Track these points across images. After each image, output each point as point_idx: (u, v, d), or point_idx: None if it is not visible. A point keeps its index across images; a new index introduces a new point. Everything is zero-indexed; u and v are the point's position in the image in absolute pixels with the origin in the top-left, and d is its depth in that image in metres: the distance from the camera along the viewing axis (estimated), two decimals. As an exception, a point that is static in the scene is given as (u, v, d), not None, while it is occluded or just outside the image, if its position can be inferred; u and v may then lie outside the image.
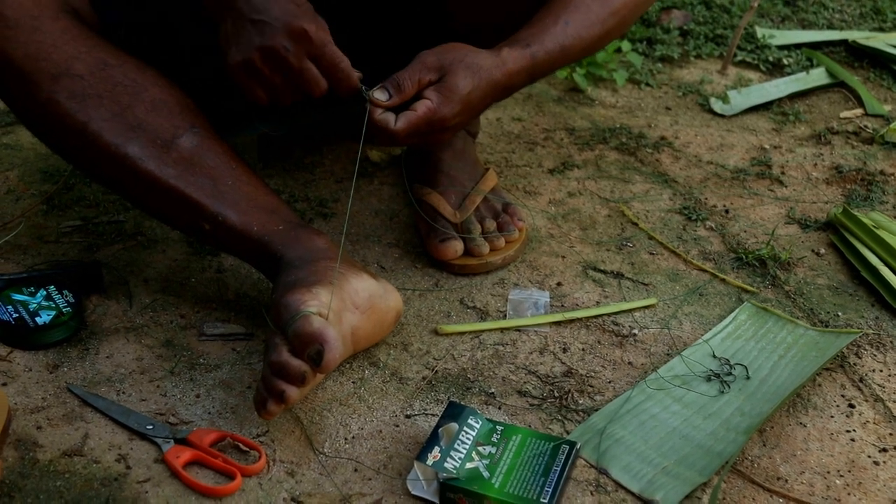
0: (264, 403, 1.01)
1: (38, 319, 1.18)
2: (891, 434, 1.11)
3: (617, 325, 1.26)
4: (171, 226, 1.23)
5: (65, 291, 1.22)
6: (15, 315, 1.18)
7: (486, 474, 1.00)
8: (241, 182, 1.17)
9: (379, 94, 1.13)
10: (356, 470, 1.03)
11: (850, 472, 1.05)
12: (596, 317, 1.28)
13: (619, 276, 1.36)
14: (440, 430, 1.03)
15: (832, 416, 1.13)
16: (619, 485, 1.02)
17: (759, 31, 2.18)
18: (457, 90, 1.13)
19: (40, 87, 1.12)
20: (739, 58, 2.08)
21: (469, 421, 1.05)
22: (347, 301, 1.08)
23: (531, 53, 1.19)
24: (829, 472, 1.05)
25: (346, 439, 1.07)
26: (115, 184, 1.18)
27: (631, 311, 1.29)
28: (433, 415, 1.11)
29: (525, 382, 1.16)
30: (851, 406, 1.15)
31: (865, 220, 1.43)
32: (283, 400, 0.99)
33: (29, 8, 1.12)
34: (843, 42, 2.16)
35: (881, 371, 1.20)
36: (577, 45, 1.23)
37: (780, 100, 1.91)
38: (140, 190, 1.16)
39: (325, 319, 1.02)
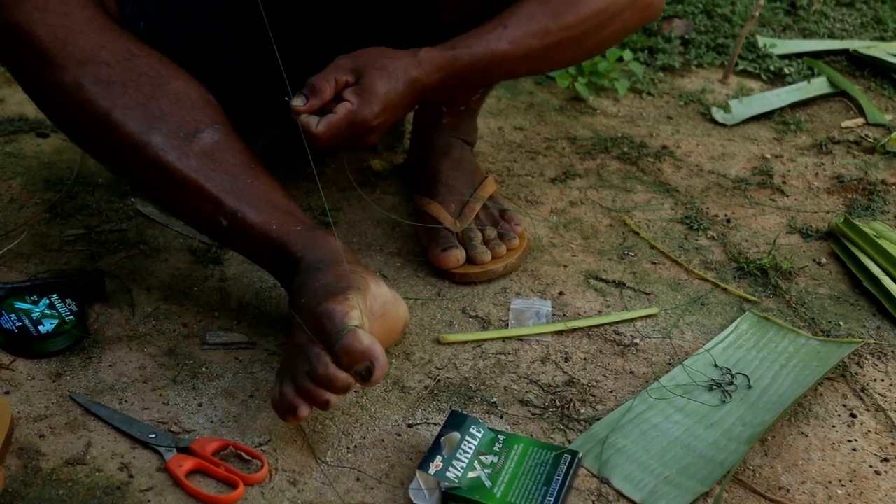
0: (295, 409, 1.00)
1: (40, 328, 1.18)
2: (892, 444, 1.11)
3: (619, 334, 1.27)
4: (185, 220, 1.22)
5: (68, 300, 1.22)
6: (18, 324, 1.18)
7: (488, 483, 1.00)
8: (260, 181, 1.17)
9: (297, 101, 1.13)
10: (358, 479, 1.03)
11: (851, 481, 1.05)
12: (597, 326, 1.28)
13: (620, 285, 1.36)
14: (442, 439, 1.03)
15: (834, 426, 1.13)
16: (620, 494, 1.03)
17: (761, 41, 2.18)
18: (374, 91, 1.14)
19: (67, 70, 1.11)
20: (741, 67, 2.09)
21: (471, 430, 1.05)
22: (368, 306, 1.08)
23: (453, 55, 1.20)
24: (830, 482, 1.05)
25: (348, 448, 1.07)
26: (134, 173, 1.17)
27: (632, 320, 1.29)
28: (435, 424, 1.11)
29: (527, 392, 1.16)
30: (853, 416, 1.15)
31: (867, 230, 1.44)
32: (326, 408, 1.00)
33: None
34: (845, 51, 2.16)
35: (882, 381, 1.20)
36: (515, 52, 1.21)
37: (781, 109, 1.91)
38: (159, 181, 1.15)
39: (366, 331, 1.01)
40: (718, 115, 1.87)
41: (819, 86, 1.99)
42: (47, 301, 1.22)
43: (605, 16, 1.24)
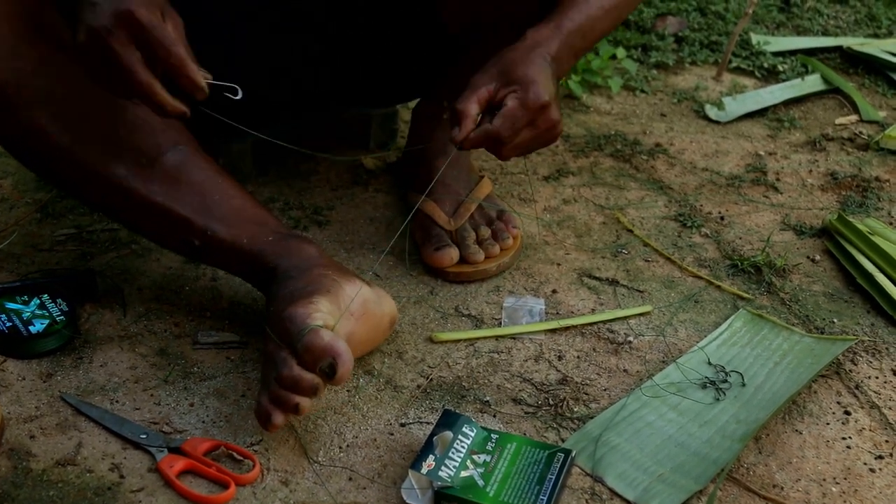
0: (269, 417, 1.00)
1: (31, 328, 1.17)
2: (886, 441, 1.10)
3: (612, 332, 1.26)
4: (160, 244, 1.23)
5: (58, 300, 1.22)
6: (8, 324, 1.18)
7: (480, 483, 1.00)
8: (228, 196, 1.18)
9: (454, 133, 1.13)
10: (350, 478, 1.02)
11: (845, 479, 1.05)
12: (591, 324, 1.27)
13: (614, 283, 1.36)
14: (435, 438, 1.03)
15: (828, 424, 1.13)
16: (614, 493, 1.02)
17: (754, 38, 2.18)
18: (531, 77, 1.12)
19: (21, 111, 1.11)
20: (734, 64, 2.08)
21: (464, 429, 1.05)
22: (342, 307, 1.08)
23: (556, 24, 1.18)
24: (824, 480, 1.05)
25: (340, 448, 1.06)
26: (103, 205, 1.19)
27: (626, 318, 1.29)
28: (428, 423, 1.10)
29: (520, 390, 1.16)
30: (847, 413, 1.14)
31: (861, 227, 1.43)
32: (297, 412, 0.99)
33: (6, 36, 1.11)
34: (838, 48, 2.16)
35: (877, 378, 1.20)
36: (603, 16, 1.22)
37: (775, 106, 1.91)
38: (128, 209, 1.16)
39: (332, 331, 1.01)
40: (712, 112, 1.87)
41: (813, 83, 1.99)
42: (38, 301, 1.21)
43: None
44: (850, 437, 1.11)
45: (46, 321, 1.18)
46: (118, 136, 1.14)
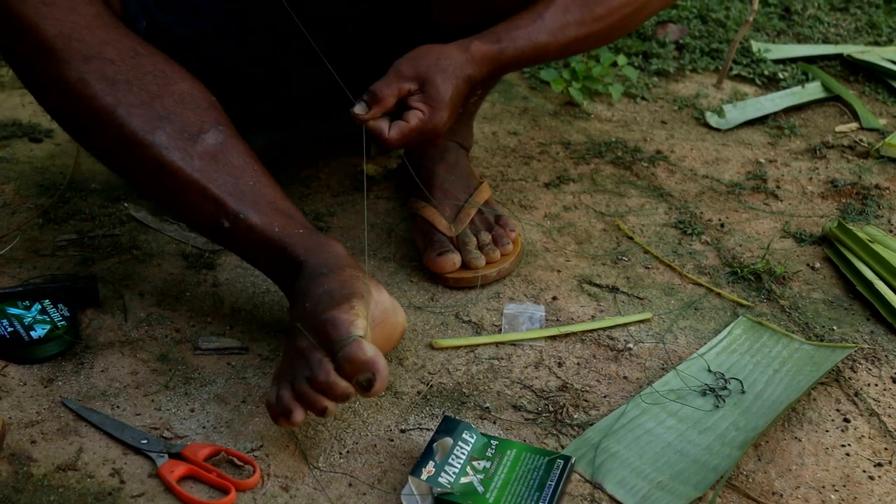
0: (289, 413, 0.99)
1: (32, 333, 1.17)
2: (886, 448, 1.10)
3: (612, 339, 1.26)
4: (187, 222, 1.21)
5: (60, 305, 1.22)
6: (10, 329, 1.18)
7: (480, 489, 1.00)
8: (262, 184, 1.17)
9: (358, 109, 1.15)
10: (351, 484, 1.03)
11: (845, 486, 1.05)
12: (591, 331, 1.28)
13: (614, 290, 1.36)
14: (435, 444, 1.03)
15: (827, 431, 1.13)
16: (613, 500, 1.02)
17: (755, 46, 2.18)
18: (441, 97, 1.16)
19: (71, 66, 1.10)
20: (735, 72, 2.09)
21: (464, 435, 1.05)
22: (370, 314, 1.07)
23: (499, 49, 1.22)
24: (824, 487, 1.05)
25: (340, 454, 1.07)
26: (136, 172, 1.17)
27: (626, 325, 1.29)
28: (428, 429, 1.10)
29: (520, 397, 1.16)
30: (846, 420, 1.14)
31: (860, 235, 1.43)
32: (323, 414, 0.99)
33: None
34: (839, 56, 2.17)
35: (876, 385, 1.20)
36: (553, 44, 1.24)
37: (775, 114, 1.91)
38: (162, 181, 1.14)
39: (369, 341, 1.00)
40: (712, 119, 1.87)
41: (813, 90, 1.99)
42: (39, 306, 1.22)
43: (636, 4, 1.27)
44: (849, 445, 1.11)
45: (48, 326, 1.19)
46: (164, 106, 1.13)
